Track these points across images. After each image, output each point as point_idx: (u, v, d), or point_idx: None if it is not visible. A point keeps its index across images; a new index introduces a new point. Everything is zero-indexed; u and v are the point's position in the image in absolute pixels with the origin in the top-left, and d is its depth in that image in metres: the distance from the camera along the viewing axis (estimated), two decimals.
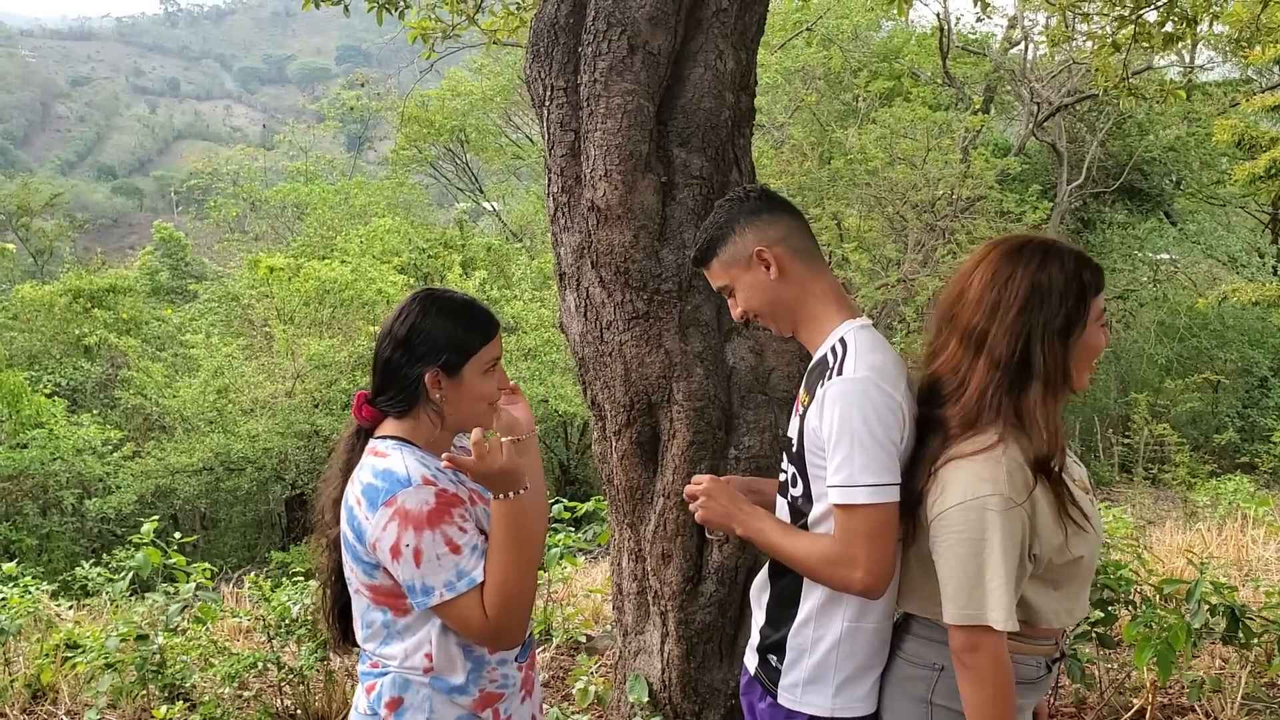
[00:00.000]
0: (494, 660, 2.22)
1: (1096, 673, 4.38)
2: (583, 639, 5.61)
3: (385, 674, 2.20)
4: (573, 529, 6.06)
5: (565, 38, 3.12)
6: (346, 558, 2.20)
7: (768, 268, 2.26)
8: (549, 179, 3.22)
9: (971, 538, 1.99)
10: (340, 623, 2.35)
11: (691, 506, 2.39)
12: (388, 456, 2.16)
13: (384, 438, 2.21)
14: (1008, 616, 1.96)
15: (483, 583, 2.10)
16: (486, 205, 29.45)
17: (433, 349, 2.17)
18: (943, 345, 2.15)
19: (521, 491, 2.13)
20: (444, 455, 2.10)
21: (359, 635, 2.26)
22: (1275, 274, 23.22)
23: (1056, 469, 2.04)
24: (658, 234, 3.09)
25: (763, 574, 2.40)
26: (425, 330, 2.18)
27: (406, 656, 2.17)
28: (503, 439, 2.13)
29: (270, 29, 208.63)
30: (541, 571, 5.62)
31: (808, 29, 20.36)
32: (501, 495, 2.12)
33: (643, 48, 3.01)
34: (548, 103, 3.15)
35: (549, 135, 3.18)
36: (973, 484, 2.00)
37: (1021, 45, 22.13)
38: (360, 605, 2.22)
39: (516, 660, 2.27)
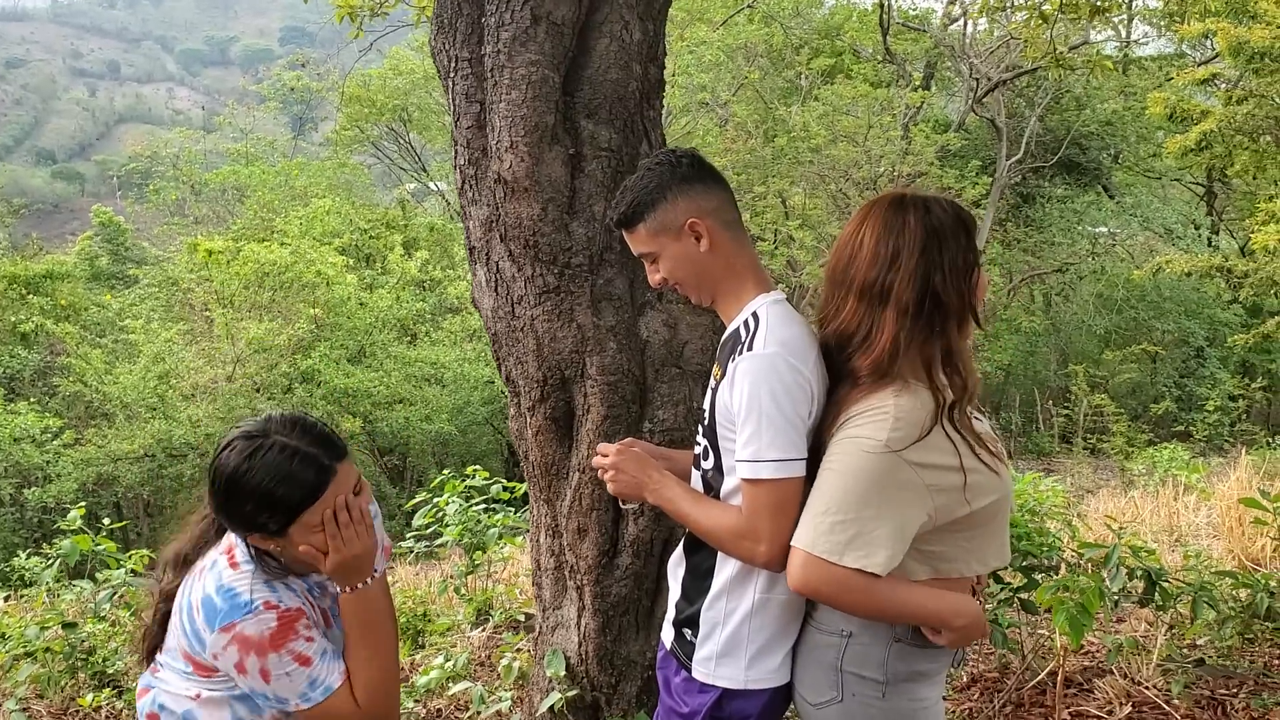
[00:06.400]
0: None
1: (1020, 638, 4.44)
2: (521, 618, 5.59)
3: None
4: (512, 510, 6.05)
5: (469, 8, 3.07)
6: (179, 626, 2.17)
7: (698, 239, 2.23)
8: (455, 151, 3.18)
9: (838, 469, 2.02)
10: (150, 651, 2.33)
11: (604, 479, 2.38)
12: (237, 569, 2.13)
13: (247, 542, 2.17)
14: (831, 550, 1.98)
15: (343, 683, 2.13)
16: (432, 185, 29.22)
17: (247, 516, 2.07)
18: (839, 307, 2.15)
19: (370, 580, 2.18)
20: (301, 547, 2.10)
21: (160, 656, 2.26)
22: (1210, 245, 23.64)
23: (966, 406, 2.07)
24: (567, 206, 3.06)
25: (679, 549, 2.40)
26: (243, 489, 2.04)
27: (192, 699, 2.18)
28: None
29: (212, 10, 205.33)
30: (480, 552, 5.62)
31: (749, 6, 20.34)
32: (349, 588, 2.15)
33: (546, 18, 2.97)
34: (452, 74, 3.11)
35: (454, 107, 3.14)
36: (860, 429, 2.03)
37: (961, 21, 22.29)
38: (175, 659, 2.21)
39: None
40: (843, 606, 2.07)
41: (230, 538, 2.19)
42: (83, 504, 5.53)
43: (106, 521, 5.46)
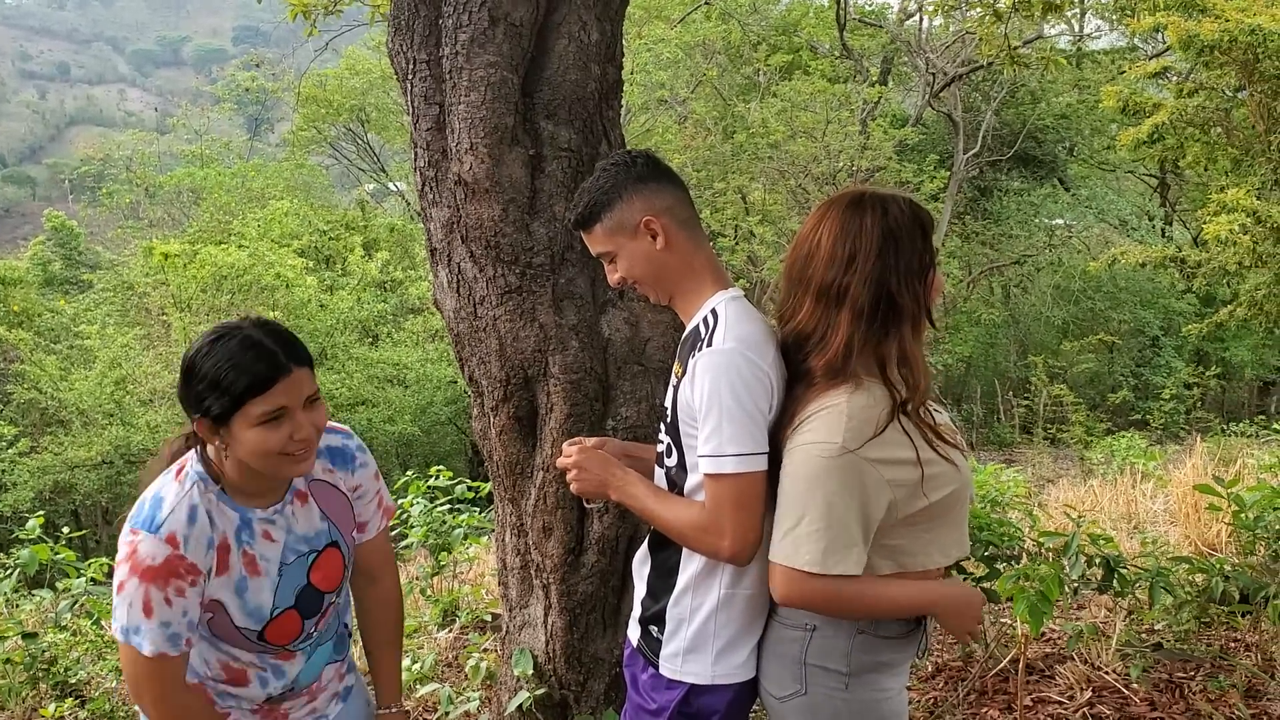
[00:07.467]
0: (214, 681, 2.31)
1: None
2: (488, 618, 5.59)
3: None
4: (477, 510, 6.04)
5: (426, 9, 3.07)
6: None
7: (654, 237, 2.25)
8: (415, 153, 3.18)
9: (801, 477, 2.03)
10: None
11: (567, 478, 2.39)
12: (180, 484, 2.14)
13: (202, 455, 2.19)
14: (814, 561, 2.00)
15: (147, 655, 2.10)
16: (392, 185, 29.07)
17: (196, 396, 2.08)
18: (796, 306, 2.17)
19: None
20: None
21: None
22: (1163, 236, 23.96)
23: (919, 404, 2.09)
24: (527, 207, 3.07)
25: (644, 547, 2.41)
26: (197, 371, 2.07)
27: None
28: None
29: (163, 10, 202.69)
30: (446, 553, 5.61)
31: (706, 3, 20.39)
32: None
33: (504, 19, 2.97)
34: (411, 76, 3.11)
35: (413, 109, 3.13)
36: (815, 433, 2.04)
37: (917, 16, 22.44)
38: None
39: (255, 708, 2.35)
40: (834, 613, 2.10)
41: (190, 455, 2.20)
42: (41, 513, 5.47)
43: (65, 530, 5.41)
